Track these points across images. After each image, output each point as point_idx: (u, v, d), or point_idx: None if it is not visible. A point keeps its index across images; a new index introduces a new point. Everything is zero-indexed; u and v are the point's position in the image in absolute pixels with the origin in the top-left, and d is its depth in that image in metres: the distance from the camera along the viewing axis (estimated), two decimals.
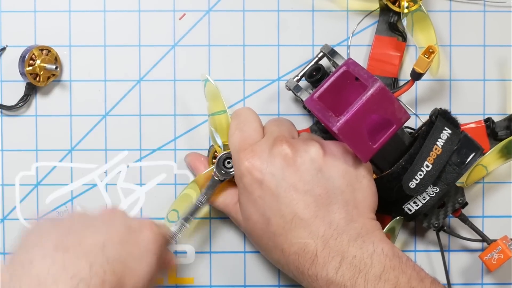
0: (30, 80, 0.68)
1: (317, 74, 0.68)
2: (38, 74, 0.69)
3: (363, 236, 0.62)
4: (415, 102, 0.72)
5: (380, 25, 0.71)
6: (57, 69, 0.68)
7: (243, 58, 0.71)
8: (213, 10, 0.71)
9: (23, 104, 0.70)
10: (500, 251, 0.67)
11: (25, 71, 0.68)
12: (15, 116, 0.70)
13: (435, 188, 0.66)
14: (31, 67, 0.68)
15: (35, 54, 0.68)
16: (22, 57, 0.68)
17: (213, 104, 0.68)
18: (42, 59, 0.69)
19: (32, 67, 0.68)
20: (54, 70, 0.68)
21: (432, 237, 0.72)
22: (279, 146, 0.63)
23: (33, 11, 0.70)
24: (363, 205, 0.63)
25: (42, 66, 0.68)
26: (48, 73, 0.69)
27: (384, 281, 0.60)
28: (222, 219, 0.72)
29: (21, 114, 0.71)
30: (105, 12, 0.70)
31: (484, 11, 0.72)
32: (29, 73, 0.68)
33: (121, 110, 0.71)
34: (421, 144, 0.64)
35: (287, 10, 0.71)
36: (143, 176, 0.71)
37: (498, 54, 0.72)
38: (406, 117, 0.63)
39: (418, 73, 0.64)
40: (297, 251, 0.62)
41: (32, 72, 0.69)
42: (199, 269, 0.72)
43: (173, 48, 0.71)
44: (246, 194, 0.64)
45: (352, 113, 0.61)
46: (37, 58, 0.68)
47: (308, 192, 0.62)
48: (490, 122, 0.71)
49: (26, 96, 0.70)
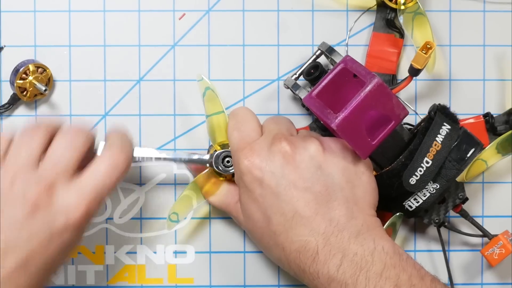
0: (17, 92, 0.68)
1: (315, 72, 0.68)
2: (27, 89, 0.68)
3: (363, 233, 0.61)
4: (414, 102, 0.72)
5: (377, 22, 0.71)
6: (45, 91, 0.68)
7: (242, 58, 0.72)
8: (213, 10, 0.71)
9: (4, 111, 0.70)
10: (501, 246, 0.67)
11: (15, 83, 0.68)
12: (15, 116, 0.71)
13: (435, 185, 0.65)
14: (22, 80, 0.68)
15: (29, 70, 0.68)
16: (16, 69, 0.68)
17: (211, 104, 0.68)
18: (35, 76, 0.68)
19: (23, 81, 0.68)
20: (43, 91, 0.68)
21: (433, 233, 0.72)
22: (278, 144, 0.63)
23: (33, 11, 0.70)
24: (363, 202, 0.63)
25: (32, 83, 0.68)
26: (36, 91, 0.69)
27: (385, 278, 0.59)
28: (222, 219, 0.72)
29: (21, 114, 0.71)
30: (105, 12, 0.71)
31: (484, 11, 0.72)
32: (18, 86, 0.68)
33: (121, 110, 0.71)
34: (420, 140, 0.64)
35: (287, 10, 0.72)
36: (142, 176, 0.72)
37: (498, 53, 0.72)
38: (405, 113, 0.63)
39: (416, 69, 0.64)
40: (298, 249, 0.62)
41: (21, 86, 0.68)
42: (199, 269, 0.72)
43: (173, 48, 0.71)
44: (247, 193, 0.64)
45: (351, 110, 0.61)
46: (30, 74, 0.68)
47: (308, 189, 0.62)
48: (489, 117, 0.71)
49: (9, 105, 0.70)
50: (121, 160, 0.62)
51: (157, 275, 0.72)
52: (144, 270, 0.72)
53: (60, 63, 0.70)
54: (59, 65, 0.70)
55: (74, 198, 0.59)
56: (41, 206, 0.59)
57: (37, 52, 0.70)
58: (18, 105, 0.71)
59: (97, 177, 0.61)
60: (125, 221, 0.71)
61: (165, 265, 0.72)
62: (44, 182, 0.59)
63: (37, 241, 0.58)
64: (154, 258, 0.72)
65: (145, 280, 0.72)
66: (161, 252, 0.72)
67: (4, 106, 0.70)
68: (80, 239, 0.62)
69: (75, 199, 0.59)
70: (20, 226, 0.58)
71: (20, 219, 0.58)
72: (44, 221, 0.59)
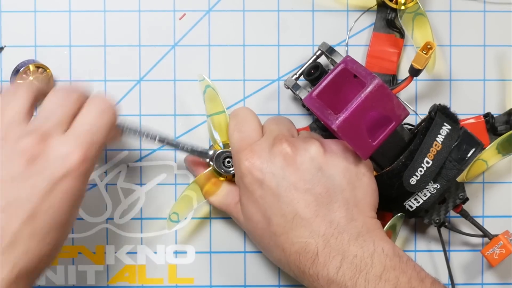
0: None
1: (315, 72, 0.68)
2: None
3: (363, 235, 0.61)
4: (415, 102, 0.72)
5: (377, 22, 0.71)
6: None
7: (243, 58, 0.71)
8: (213, 10, 0.71)
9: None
10: (501, 246, 0.67)
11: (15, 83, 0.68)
12: None
13: (435, 185, 0.65)
14: (22, 80, 0.68)
15: (30, 70, 0.68)
16: (17, 69, 0.68)
17: (212, 104, 0.68)
18: (35, 76, 0.68)
19: (23, 81, 0.68)
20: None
21: (433, 234, 0.72)
22: (279, 145, 0.63)
23: (33, 11, 0.70)
24: (364, 203, 0.63)
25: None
26: None
27: (384, 281, 0.59)
28: (222, 219, 0.72)
29: None
30: (105, 12, 0.71)
31: (484, 11, 0.72)
32: None
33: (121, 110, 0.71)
34: (420, 141, 0.64)
35: (287, 10, 0.72)
36: (143, 176, 0.71)
37: (498, 53, 0.72)
38: (405, 113, 0.63)
39: (416, 69, 0.64)
40: (298, 250, 0.62)
41: None
42: (199, 269, 0.72)
43: (173, 48, 0.71)
44: (247, 194, 0.64)
45: (351, 111, 0.61)
46: (30, 74, 0.68)
47: (309, 191, 0.62)
48: (490, 117, 0.71)
49: None
50: (107, 106, 0.61)
51: (158, 275, 0.72)
52: (145, 270, 0.72)
53: (60, 63, 0.70)
54: (59, 65, 0.70)
55: (69, 144, 0.58)
56: (37, 156, 0.57)
57: (37, 52, 0.70)
58: None
59: (88, 121, 0.59)
60: (126, 221, 0.71)
61: (165, 265, 0.72)
62: (37, 133, 0.57)
63: (39, 193, 0.56)
64: (155, 258, 0.72)
65: (146, 280, 0.72)
66: (161, 252, 0.72)
67: None
68: (84, 188, 0.59)
69: (70, 145, 0.58)
70: (20, 180, 0.56)
71: (18, 172, 0.57)
72: (43, 170, 0.57)
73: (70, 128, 0.59)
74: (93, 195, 0.71)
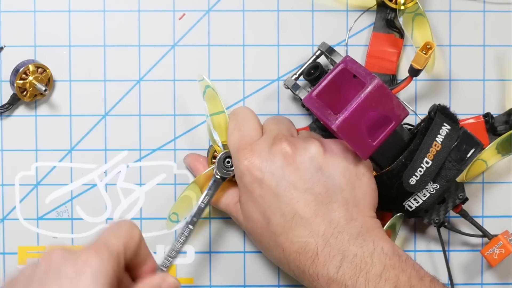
0: (17, 92, 0.68)
1: (315, 72, 0.68)
2: (27, 89, 0.68)
3: (363, 235, 0.62)
4: (414, 102, 0.72)
5: (377, 22, 0.71)
6: (45, 91, 0.68)
7: (242, 58, 0.71)
8: (213, 10, 0.71)
9: (4, 111, 0.70)
10: (501, 246, 0.67)
11: (15, 83, 0.68)
12: (15, 116, 0.71)
13: (435, 185, 0.65)
14: (22, 81, 0.68)
15: (29, 70, 0.68)
16: (16, 69, 0.68)
17: (211, 104, 0.68)
18: (35, 76, 0.68)
19: (23, 81, 0.68)
20: (43, 91, 0.68)
21: (433, 234, 0.72)
22: (279, 145, 0.63)
23: (33, 11, 0.70)
24: (363, 203, 0.63)
25: (32, 83, 0.68)
26: (36, 91, 0.69)
27: (384, 280, 0.60)
28: (222, 219, 0.72)
29: (21, 114, 0.71)
30: (105, 12, 0.71)
31: (484, 11, 0.72)
32: (18, 86, 0.68)
33: (120, 110, 0.71)
34: (420, 141, 0.64)
35: (287, 10, 0.72)
36: (143, 176, 0.72)
37: (498, 53, 0.72)
38: (405, 113, 0.63)
39: (416, 69, 0.64)
40: (297, 250, 0.62)
41: (21, 86, 0.68)
42: (199, 269, 0.72)
43: (173, 48, 0.71)
44: (247, 193, 0.64)
45: (351, 111, 0.61)
46: (30, 74, 0.68)
47: (308, 190, 0.62)
48: (489, 117, 0.71)
49: (9, 105, 0.70)
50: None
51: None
52: None
53: (60, 63, 0.70)
54: (59, 65, 0.70)
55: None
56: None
57: (37, 52, 0.70)
58: (18, 105, 0.71)
59: None
60: None
61: None
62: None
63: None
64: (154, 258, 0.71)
65: None
66: (161, 252, 0.72)
67: (4, 106, 0.70)
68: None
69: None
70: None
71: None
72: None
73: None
74: (93, 195, 0.71)
